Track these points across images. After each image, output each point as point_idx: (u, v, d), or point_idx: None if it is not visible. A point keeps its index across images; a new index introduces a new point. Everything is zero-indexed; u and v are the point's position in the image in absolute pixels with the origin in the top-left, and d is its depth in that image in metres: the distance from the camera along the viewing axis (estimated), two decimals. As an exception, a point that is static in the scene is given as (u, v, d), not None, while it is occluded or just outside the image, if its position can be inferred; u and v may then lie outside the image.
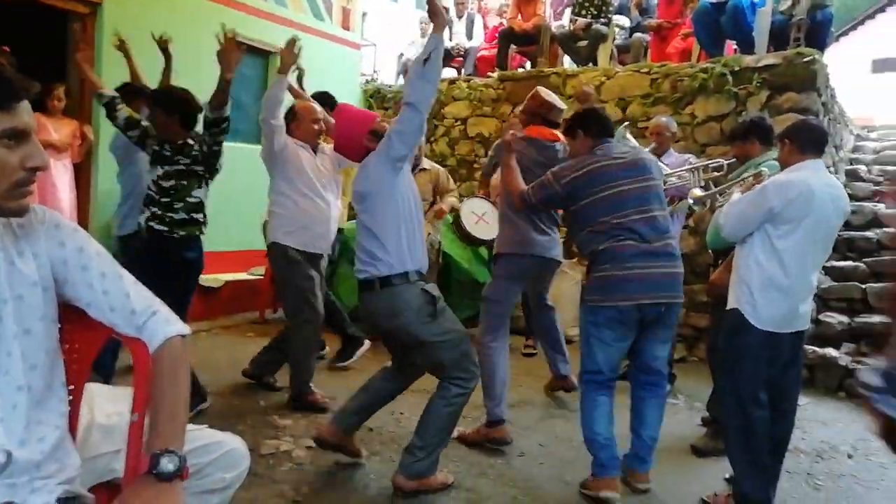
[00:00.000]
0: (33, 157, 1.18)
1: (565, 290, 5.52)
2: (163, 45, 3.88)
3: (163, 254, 3.16)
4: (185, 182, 3.17)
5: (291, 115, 3.69)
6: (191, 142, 3.17)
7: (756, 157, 3.36)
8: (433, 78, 2.59)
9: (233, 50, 3.02)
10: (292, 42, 3.53)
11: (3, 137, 1.14)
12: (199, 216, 3.27)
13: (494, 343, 3.35)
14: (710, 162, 3.97)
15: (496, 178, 4.28)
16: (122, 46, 3.95)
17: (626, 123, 4.48)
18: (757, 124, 3.44)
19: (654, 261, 2.69)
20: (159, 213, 3.15)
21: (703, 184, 3.81)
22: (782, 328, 2.60)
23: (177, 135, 3.14)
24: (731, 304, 2.69)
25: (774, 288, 2.56)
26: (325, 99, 4.12)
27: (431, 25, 2.69)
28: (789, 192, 2.51)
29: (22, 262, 1.24)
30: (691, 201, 3.72)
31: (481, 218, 5.01)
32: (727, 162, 3.76)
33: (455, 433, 3.06)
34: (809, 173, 2.57)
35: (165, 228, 3.16)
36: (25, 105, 1.16)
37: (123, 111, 3.21)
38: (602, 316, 2.72)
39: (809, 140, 2.64)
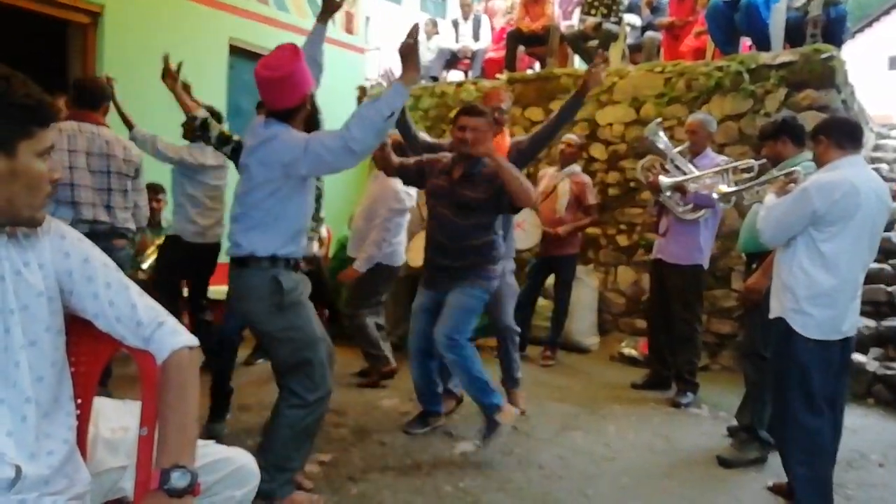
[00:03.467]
0: (55, 169, 1.28)
1: (582, 296, 5.40)
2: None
3: None
4: None
5: None
6: None
7: (790, 158, 3.24)
8: (384, 134, 2.41)
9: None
10: None
11: (44, 154, 1.22)
12: None
13: None
14: (739, 163, 3.83)
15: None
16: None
17: (659, 120, 4.36)
18: (789, 124, 3.31)
19: None
20: None
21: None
22: (831, 335, 2.49)
23: None
24: (775, 313, 2.58)
25: (823, 294, 2.45)
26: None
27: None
28: (833, 192, 2.40)
29: (28, 273, 1.25)
30: (716, 196, 3.60)
31: (519, 225, 4.62)
32: (758, 163, 3.63)
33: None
34: (851, 170, 2.47)
35: None
36: None
37: (215, 129, 3.10)
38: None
39: (846, 134, 2.54)
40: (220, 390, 3.28)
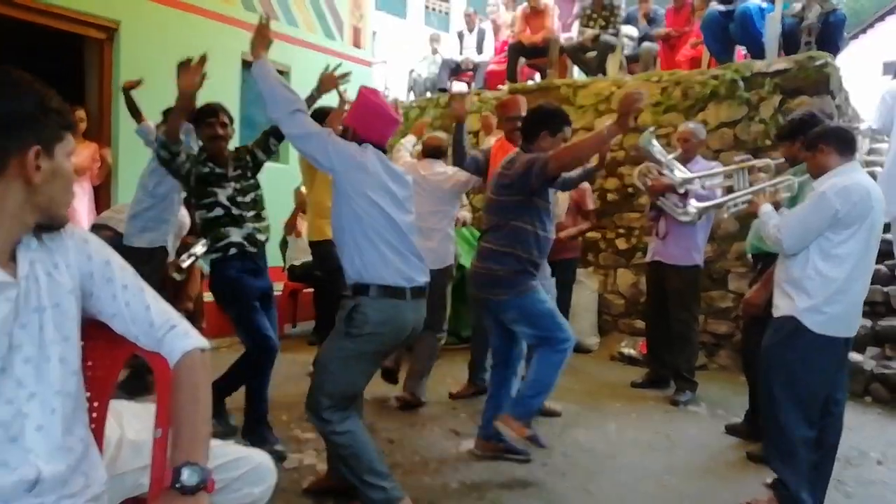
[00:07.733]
0: (75, 171, 1.37)
1: (583, 298, 5.49)
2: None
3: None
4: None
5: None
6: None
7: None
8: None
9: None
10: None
11: (70, 156, 1.29)
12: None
13: None
14: (756, 162, 3.81)
15: None
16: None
17: (652, 129, 4.42)
18: (805, 122, 3.13)
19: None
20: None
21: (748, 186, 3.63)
22: (843, 332, 2.56)
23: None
24: (782, 312, 2.62)
25: (838, 293, 2.50)
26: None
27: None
28: (851, 195, 2.46)
29: (57, 273, 1.29)
30: (694, 210, 3.60)
31: None
32: (775, 162, 3.65)
33: None
34: (858, 175, 2.55)
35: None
36: None
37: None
38: None
39: (846, 142, 2.60)
40: None
